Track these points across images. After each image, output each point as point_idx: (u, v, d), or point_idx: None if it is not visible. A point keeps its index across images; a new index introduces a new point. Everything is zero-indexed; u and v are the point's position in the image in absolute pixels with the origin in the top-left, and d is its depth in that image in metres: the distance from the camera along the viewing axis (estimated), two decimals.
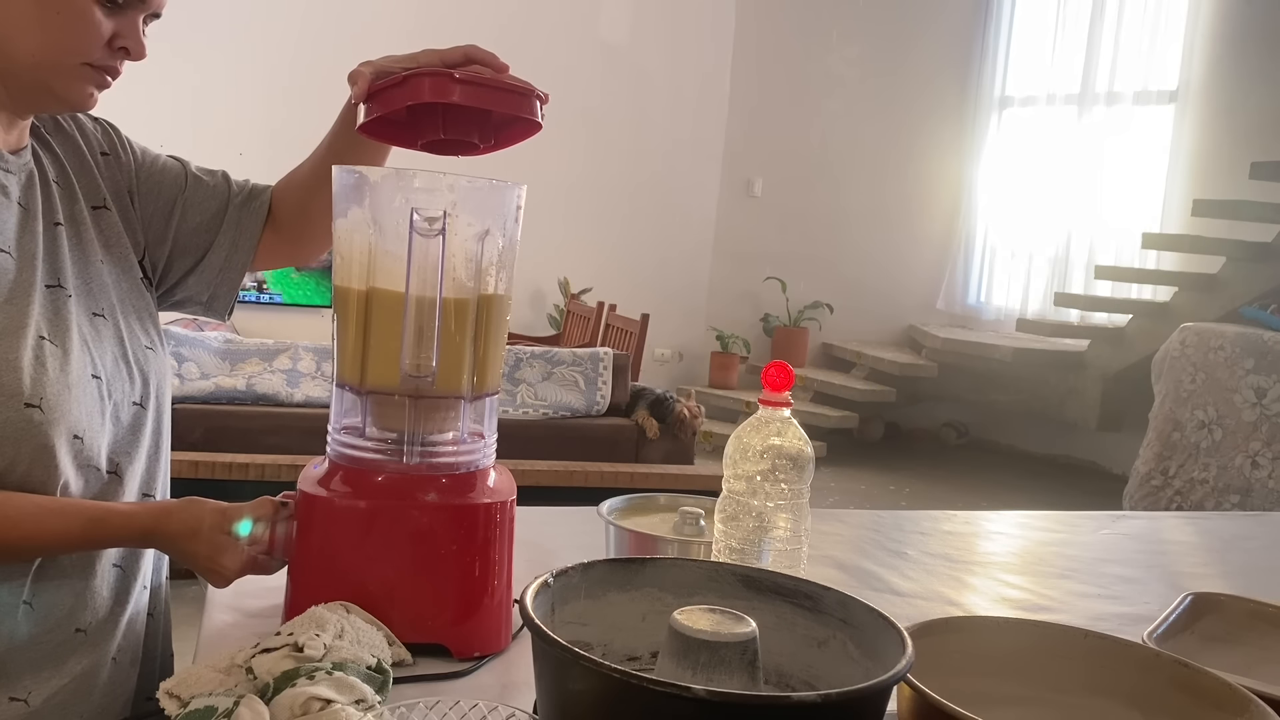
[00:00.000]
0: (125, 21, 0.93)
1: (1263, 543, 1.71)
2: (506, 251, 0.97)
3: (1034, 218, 6.55)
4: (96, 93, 0.95)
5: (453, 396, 0.96)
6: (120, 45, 0.93)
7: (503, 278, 0.97)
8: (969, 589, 1.31)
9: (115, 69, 0.95)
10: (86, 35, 0.90)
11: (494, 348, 0.98)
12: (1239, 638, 1.01)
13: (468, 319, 0.95)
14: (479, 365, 0.97)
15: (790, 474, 0.96)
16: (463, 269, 0.94)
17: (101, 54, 0.92)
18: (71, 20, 0.90)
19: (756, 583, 0.79)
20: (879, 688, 0.63)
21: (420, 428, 0.95)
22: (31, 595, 0.93)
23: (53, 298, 0.96)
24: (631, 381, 3.90)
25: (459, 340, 0.95)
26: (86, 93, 0.94)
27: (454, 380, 0.95)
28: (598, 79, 6.36)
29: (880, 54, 6.72)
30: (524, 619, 0.67)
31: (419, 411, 0.95)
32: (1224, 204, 5.18)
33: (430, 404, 0.95)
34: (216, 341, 3.68)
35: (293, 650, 0.82)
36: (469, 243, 0.94)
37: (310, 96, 5.75)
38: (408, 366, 0.94)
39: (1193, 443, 4.48)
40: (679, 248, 6.72)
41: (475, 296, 0.95)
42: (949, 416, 6.72)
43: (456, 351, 0.95)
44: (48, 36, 0.90)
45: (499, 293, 0.97)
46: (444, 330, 0.94)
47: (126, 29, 0.93)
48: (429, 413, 0.95)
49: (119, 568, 1.01)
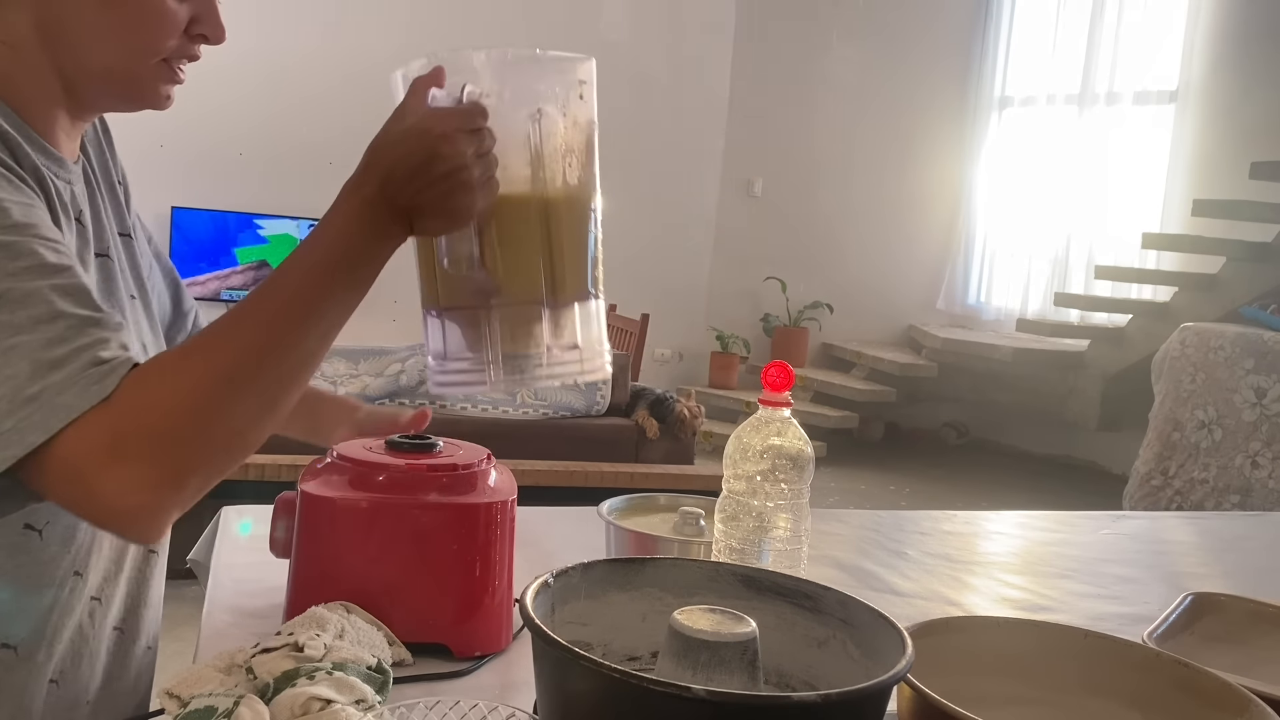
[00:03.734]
0: (202, 3, 0.86)
1: (1263, 543, 1.71)
2: (573, 134, 0.83)
3: (1034, 218, 6.55)
4: (172, 91, 0.89)
5: (526, 303, 0.82)
6: (198, 31, 0.87)
7: (571, 166, 0.83)
8: (969, 589, 1.31)
9: (194, 54, 0.88)
10: (162, 28, 0.84)
11: (570, 246, 0.84)
12: (1239, 638, 1.01)
13: (524, 213, 0.82)
14: (554, 266, 0.83)
15: (790, 474, 0.96)
16: (513, 156, 0.81)
17: (179, 44, 0.86)
18: (144, 16, 0.83)
19: (756, 583, 0.79)
20: (879, 688, 0.63)
21: (496, 342, 0.82)
22: (58, 673, 0.89)
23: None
24: (631, 381, 3.91)
25: (518, 238, 0.82)
26: (164, 94, 0.88)
27: (522, 287, 0.82)
28: (598, 79, 6.35)
29: (880, 54, 6.72)
30: (524, 619, 0.67)
31: (493, 323, 0.82)
32: (1224, 204, 5.18)
33: (503, 314, 0.83)
34: None
35: (293, 650, 0.82)
36: (518, 124, 0.81)
37: (310, 97, 5.76)
38: (449, 269, 0.82)
39: (1193, 443, 4.48)
40: (679, 248, 6.72)
41: (528, 188, 0.82)
42: (949, 416, 6.72)
43: (518, 253, 0.82)
44: (121, 38, 0.84)
45: (566, 183, 0.83)
46: (497, 229, 0.82)
47: (204, 10, 0.86)
48: (504, 325, 0.83)
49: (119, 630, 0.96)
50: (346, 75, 5.85)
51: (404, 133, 0.75)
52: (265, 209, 5.66)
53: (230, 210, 5.58)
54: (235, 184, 5.65)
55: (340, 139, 6.13)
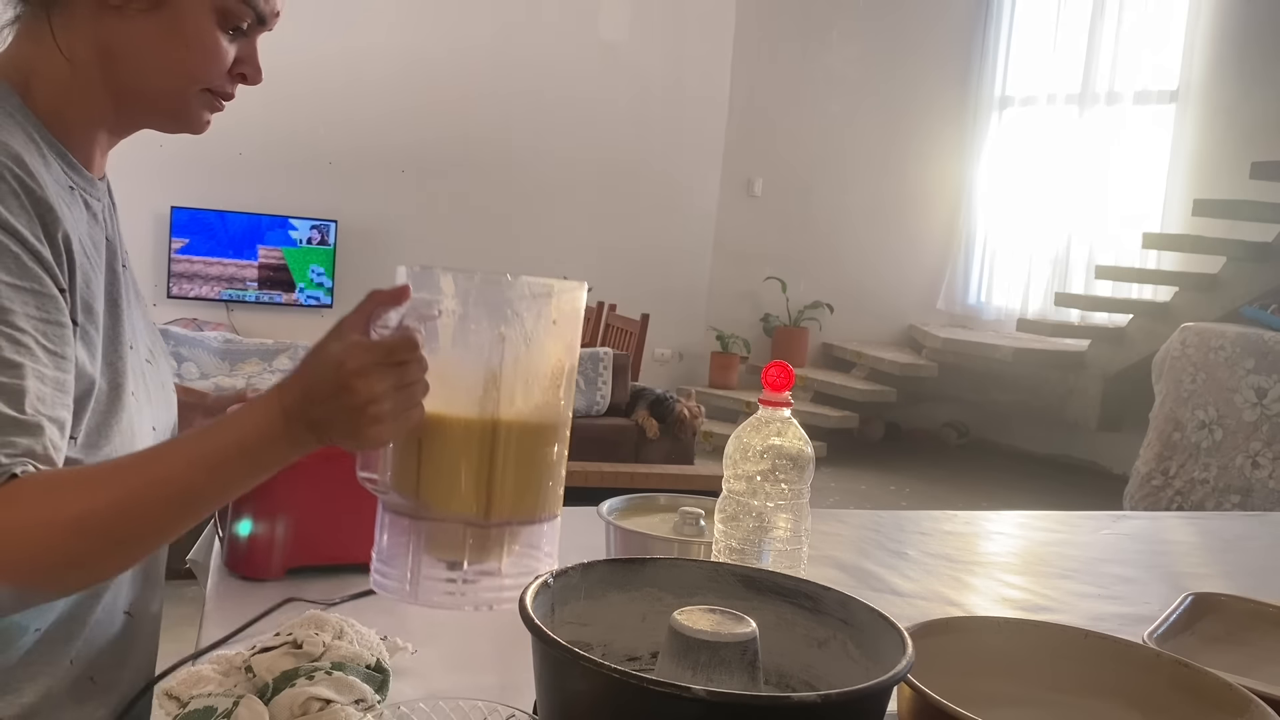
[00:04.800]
0: (246, 45, 0.93)
1: (1263, 543, 1.71)
2: (538, 360, 0.83)
3: (1034, 218, 6.55)
4: (210, 117, 0.95)
5: (451, 521, 0.83)
6: (239, 71, 0.93)
7: (531, 392, 0.83)
8: (969, 589, 1.31)
9: (230, 94, 0.94)
10: (212, 63, 0.90)
11: (517, 470, 0.84)
12: (1239, 638, 1.01)
13: (462, 434, 0.83)
14: (492, 489, 0.83)
15: (790, 474, 0.96)
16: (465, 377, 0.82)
17: (221, 80, 0.92)
18: (198, 49, 0.89)
19: (756, 583, 0.78)
20: (879, 688, 0.63)
21: (419, 557, 0.84)
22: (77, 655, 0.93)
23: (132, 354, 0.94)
24: (631, 381, 3.91)
25: (448, 458, 0.83)
26: (203, 119, 0.94)
27: (446, 505, 0.83)
28: (598, 79, 6.36)
29: (880, 54, 6.72)
30: (524, 619, 0.67)
31: (418, 536, 0.84)
32: (1224, 204, 5.18)
33: (428, 529, 0.84)
34: (216, 341, 3.68)
35: (291, 648, 0.82)
36: (477, 347, 0.82)
37: (310, 97, 5.76)
38: (360, 478, 0.85)
39: (1193, 443, 4.48)
40: (679, 248, 6.72)
41: (474, 411, 0.83)
42: (949, 416, 6.72)
43: (445, 472, 0.83)
44: (173, 65, 0.89)
45: (520, 409, 0.83)
46: (426, 447, 0.83)
47: (247, 53, 0.93)
48: (428, 539, 0.84)
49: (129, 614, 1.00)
50: (346, 75, 5.85)
51: (326, 358, 0.79)
52: (265, 209, 5.67)
53: (230, 210, 5.58)
54: (235, 184, 5.65)
55: (340, 139, 6.16)
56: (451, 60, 6.02)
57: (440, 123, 6.05)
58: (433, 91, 6.01)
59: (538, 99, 6.23)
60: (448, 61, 6.01)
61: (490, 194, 6.20)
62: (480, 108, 6.12)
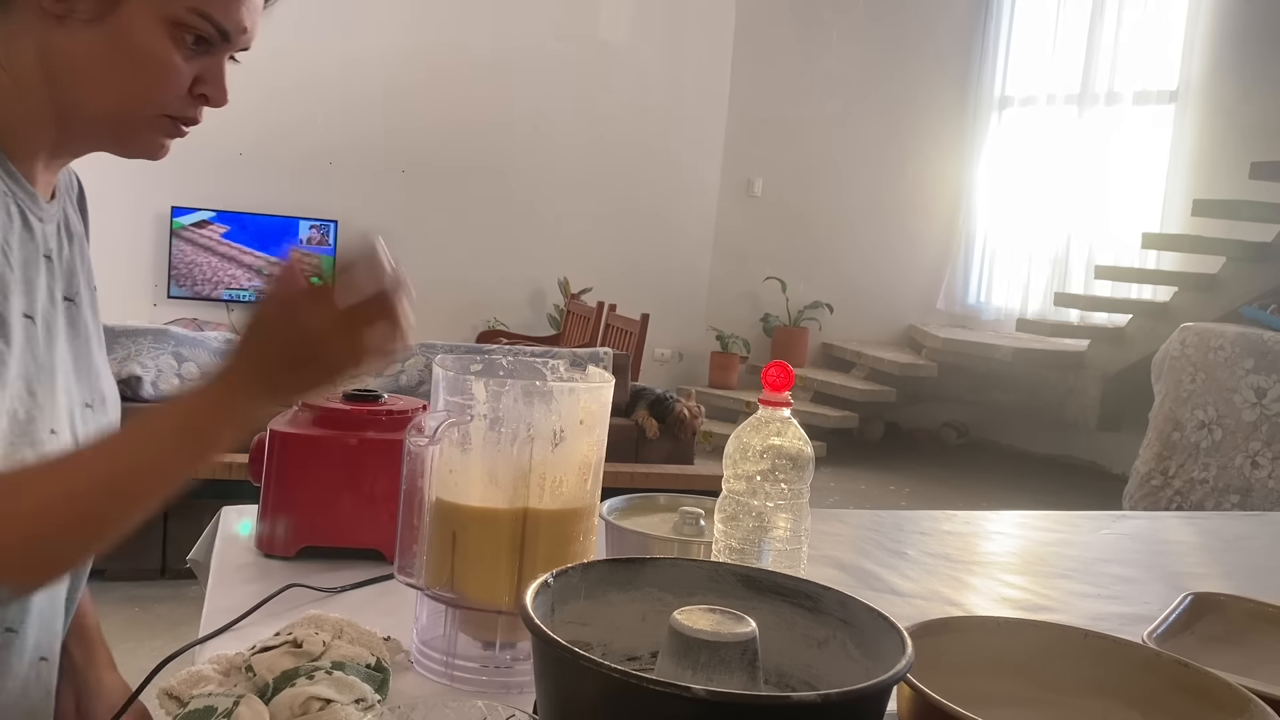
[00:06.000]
0: (209, 64, 0.84)
1: (1263, 543, 1.71)
2: (566, 457, 0.88)
3: (1034, 218, 6.55)
4: (169, 143, 0.86)
5: (485, 609, 0.89)
6: (200, 92, 0.84)
7: (561, 486, 0.88)
8: (969, 589, 1.31)
9: (194, 119, 0.86)
10: (165, 85, 0.82)
11: (542, 559, 0.88)
12: (1239, 638, 1.01)
13: (492, 528, 0.88)
14: (520, 575, 0.88)
15: (790, 474, 0.96)
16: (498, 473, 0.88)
17: (180, 103, 0.83)
18: (149, 70, 0.81)
19: (756, 583, 0.78)
20: (879, 688, 0.63)
21: (454, 643, 0.91)
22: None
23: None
24: (631, 381, 3.90)
25: (480, 550, 0.88)
26: (159, 144, 0.86)
27: (480, 591, 0.89)
28: (598, 79, 6.36)
29: (880, 54, 6.72)
30: (524, 619, 0.67)
31: (454, 622, 0.90)
32: (1224, 204, 5.18)
33: (464, 615, 0.90)
34: (216, 342, 3.68)
35: (292, 648, 0.82)
36: (505, 444, 0.87)
37: (310, 97, 5.76)
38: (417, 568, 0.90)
39: (1193, 443, 4.48)
40: (679, 248, 6.72)
41: (503, 504, 0.88)
42: (949, 416, 6.72)
43: (477, 563, 0.89)
44: (123, 87, 0.81)
45: (548, 503, 0.88)
46: (460, 541, 0.88)
47: (210, 73, 0.84)
48: (464, 626, 0.91)
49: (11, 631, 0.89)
50: (347, 76, 5.85)
51: (299, 332, 0.77)
52: (265, 209, 5.67)
53: (229, 210, 5.59)
54: (235, 184, 5.65)
55: (340, 139, 6.16)
56: (452, 60, 6.02)
57: (441, 123, 6.05)
58: (433, 92, 6.01)
59: (538, 99, 6.23)
60: (448, 62, 6.01)
61: (491, 194, 6.20)
62: (481, 108, 6.12)
